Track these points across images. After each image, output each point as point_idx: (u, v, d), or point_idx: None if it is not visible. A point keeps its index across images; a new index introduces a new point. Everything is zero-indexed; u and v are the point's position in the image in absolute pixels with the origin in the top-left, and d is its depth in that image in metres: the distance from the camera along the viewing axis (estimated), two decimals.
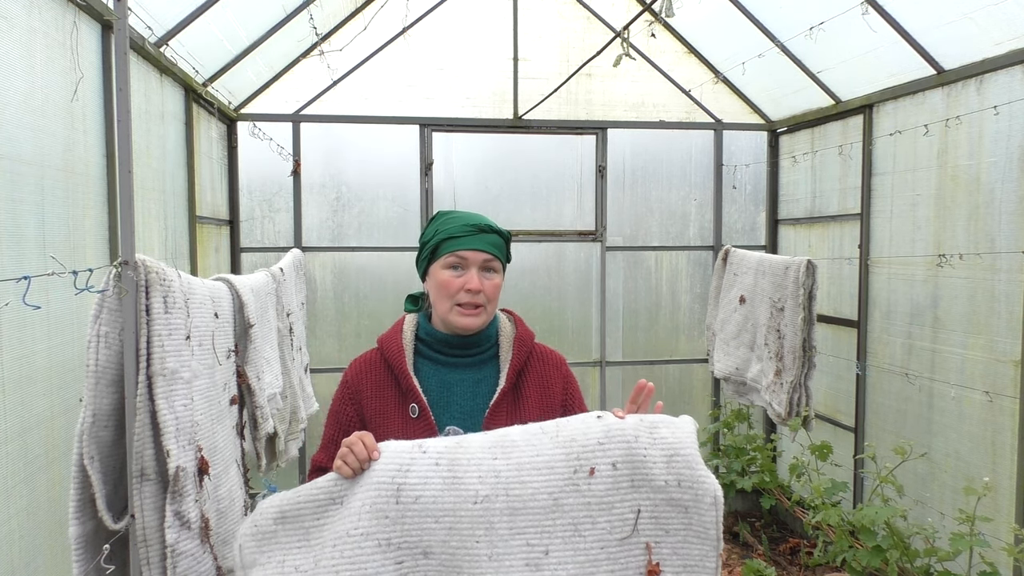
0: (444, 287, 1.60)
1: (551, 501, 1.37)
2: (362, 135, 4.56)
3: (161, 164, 3.13)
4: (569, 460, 1.38)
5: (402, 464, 1.38)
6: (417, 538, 1.35)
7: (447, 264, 1.60)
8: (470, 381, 1.65)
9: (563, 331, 4.86)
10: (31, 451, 1.94)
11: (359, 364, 1.69)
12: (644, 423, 1.43)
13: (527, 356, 1.68)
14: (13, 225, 1.88)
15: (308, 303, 4.40)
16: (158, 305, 1.57)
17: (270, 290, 2.94)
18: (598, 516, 1.37)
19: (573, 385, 1.73)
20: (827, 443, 3.69)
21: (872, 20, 3.31)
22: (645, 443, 1.39)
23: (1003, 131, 3.06)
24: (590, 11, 4.67)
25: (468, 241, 1.59)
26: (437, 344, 1.66)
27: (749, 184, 4.95)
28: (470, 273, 1.60)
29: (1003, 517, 3.02)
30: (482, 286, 1.59)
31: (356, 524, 1.35)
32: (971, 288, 3.23)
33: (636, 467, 1.39)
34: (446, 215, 1.67)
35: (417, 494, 1.35)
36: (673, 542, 1.39)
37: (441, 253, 1.61)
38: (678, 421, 1.46)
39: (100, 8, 2.35)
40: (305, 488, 1.41)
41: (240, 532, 1.42)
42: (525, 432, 1.43)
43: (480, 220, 1.63)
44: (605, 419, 1.43)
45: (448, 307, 1.60)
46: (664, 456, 1.39)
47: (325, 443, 1.66)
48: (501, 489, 1.36)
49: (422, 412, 1.59)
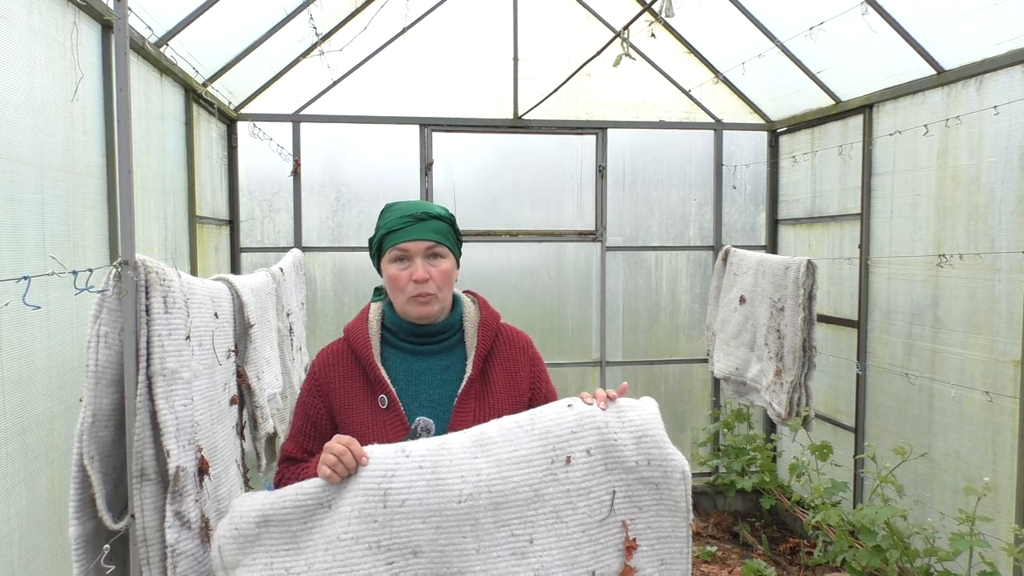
0: (393, 282, 1.60)
1: (532, 492, 1.43)
2: (362, 135, 4.56)
3: (161, 164, 3.13)
4: (546, 451, 1.45)
5: (387, 469, 1.42)
6: (406, 539, 1.39)
7: (392, 259, 1.60)
8: (437, 369, 1.65)
9: (563, 331, 4.86)
10: (31, 451, 1.94)
11: (326, 355, 1.68)
12: (611, 408, 1.50)
13: (492, 341, 1.69)
14: (13, 225, 1.88)
15: (308, 303, 4.40)
16: (158, 305, 1.57)
17: (270, 290, 2.94)
18: (577, 501, 1.45)
19: (539, 365, 1.75)
20: (827, 443, 3.69)
21: (872, 20, 3.31)
22: (615, 427, 1.47)
23: (1003, 131, 3.06)
24: (590, 11, 4.67)
25: (407, 232, 1.58)
26: (403, 333, 1.65)
27: (749, 184, 4.95)
28: (415, 264, 1.59)
29: (1003, 517, 3.02)
30: (428, 274, 1.58)
31: (346, 528, 1.39)
32: (971, 288, 3.23)
33: (608, 451, 1.47)
34: (388, 208, 1.66)
35: (403, 497, 1.40)
36: (647, 517, 1.49)
37: (385, 248, 1.61)
38: (642, 404, 1.54)
39: (100, 8, 2.34)
40: (289, 493, 1.44)
41: (218, 534, 1.44)
42: (501, 428, 1.48)
43: (417, 208, 1.61)
44: (576, 407, 1.50)
45: (403, 300, 1.61)
46: (633, 438, 1.47)
47: (294, 433, 1.67)
48: (484, 487, 1.42)
49: (391, 403, 1.59)
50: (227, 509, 1.86)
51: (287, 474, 1.65)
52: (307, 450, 1.65)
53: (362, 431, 1.58)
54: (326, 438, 1.63)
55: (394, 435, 1.57)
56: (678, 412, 5.02)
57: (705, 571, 4.04)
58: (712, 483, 4.72)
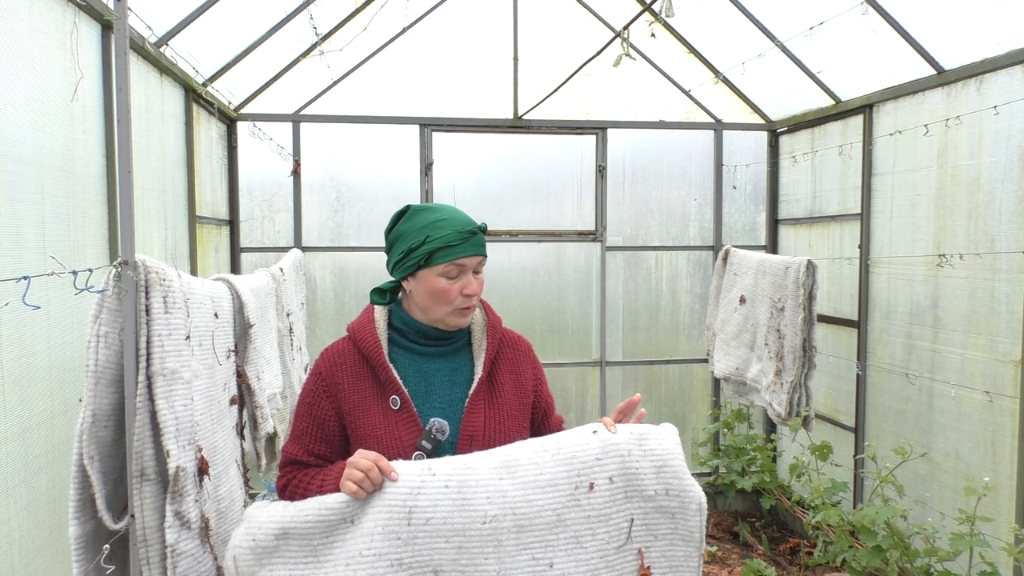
0: (442, 295, 1.57)
1: (555, 517, 1.45)
2: (362, 135, 4.56)
3: (161, 164, 3.13)
4: (570, 477, 1.47)
5: (413, 487, 1.42)
6: (428, 557, 1.40)
7: (443, 272, 1.56)
8: (447, 370, 1.65)
9: (563, 331, 4.86)
10: (31, 451, 1.94)
11: (332, 355, 1.65)
12: (634, 435, 1.52)
13: (499, 344, 1.71)
14: (13, 225, 1.88)
15: (308, 303, 4.40)
16: (158, 305, 1.57)
17: (270, 290, 2.94)
18: (597, 527, 1.46)
19: (540, 370, 1.79)
20: (827, 443, 3.69)
21: (872, 20, 3.31)
22: (637, 456, 1.49)
23: (1003, 131, 3.06)
24: (590, 11, 4.67)
25: (464, 248, 1.57)
26: (414, 334, 1.64)
27: (749, 184, 4.95)
28: (467, 278, 1.59)
29: (1003, 517, 3.02)
30: (479, 289, 1.61)
31: (369, 544, 1.39)
32: (971, 288, 3.23)
33: (629, 479, 1.48)
34: (431, 218, 1.59)
35: (428, 516, 1.41)
36: (661, 546, 1.51)
37: (437, 261, 1.56)
38: (663, 432, 1.55)
39: (100, 8, 2.35)
40: (311, 506, 1.43)
41: (234, 544, 1.43)
42: (528, 450, 1.50)
43: (471, 224, 1.60)
44: (600, 434, 1.52)
45: (447, 311, 1.60)
46: (654, 467, 1.49)
47: (297, 435, 1.63)
48: (508, 509, 1.43)
49: (404, 404, 1.58)
50: (227, 509, 1.86)
51: (294, 479, 1.61)
52: (313, 453, 1.62)
53: (375, 432, 1.56)
54: (333, 440, 1.62)
55: (408, 436, 1.56)
56: (678, 412, 5.02)
57: (705, 571, 4.04)
58: (712, 483, 4.72)
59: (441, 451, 1.56)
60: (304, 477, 1.59)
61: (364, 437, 1.57)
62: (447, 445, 1.57)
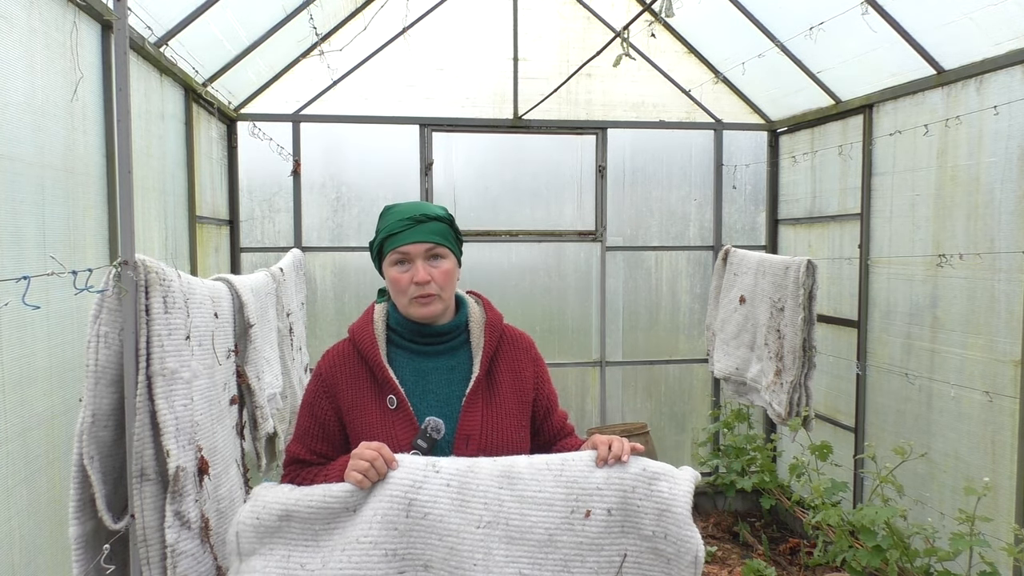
0: (395, 284, 1.61)
1: (546, 536, 1.45)
2: (362, 135, 4.56)
3: (161, 164, 3.13)
4: (568, 500, 1.47)
5: (415, 480, 1.45)
6: (420, 551, 1.42)
7: (393, 262, 1.61)
8: (444, 368, 1.66)
9: (563, 331, 4.86)
10: (31, 451, 1.94)
11: (332, 356, 1.68)
12: (646, 473, 1.50)
13: (498, 341, 1.70)
14: (13, 225, 1.88)
15: (308, 303, 4.40)
16: (158, 305, 1.57)
17: (270, 290, 2.94)
18: (588, 556, 1.46)
19: (542, 367, 1.77)
20: (827, 443, 3.69)
21: (872, 20, 3.31)
22: (641, 495, 1.48)
23: (1003, 131, 3.06)
24: (590, 11, 4.67)
25: (407, 235, 1.59)
26: (409, 333, 1.66)
27: (749, 184, 4.95)
28: (416, 266, 1.59)
29: (1003, 517, 3.02)
30: (430, 275, 1.59)
31: (366, 532, 1.42)
32: (971, 288, 3.23)
33: (629, 515, 1.47)
34: (387, 211, 1.66)
35: (427, 511, 1.42)
36: None
37: (386, 251, 1.61)
38: (679, 476, 1.52)
39: (100, 8, 2.34)
40: (317, 492, 1.46)
41: (238, 520, 1.46)
42: (531, 465, 1.50)
43: (416, 210, 1.61)
44: (608, 468, 1.50)
45: (405, 302, 1.62)
46: (656, 509, 1.47)
47: (300, 434, 1.66)
48: (503, 518, 1.44)
49: (400, 403, 1.59)
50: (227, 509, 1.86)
51: (297, 476, 1.63)
52: (315, 451, 1.64)
53: (371, 431, 1.58)
54: (334, 439, 1.64)
55: (403, 434, 1.57)
56: (678, 412, 5.02)
57: (705, 571, 4.04)
58: (712, 483, 4.72)
59: (437, 450, 1.57)
60: (307, 474, 1.62)
61: (361, 436, 1.58)
62: (443, 444, 1.58)
